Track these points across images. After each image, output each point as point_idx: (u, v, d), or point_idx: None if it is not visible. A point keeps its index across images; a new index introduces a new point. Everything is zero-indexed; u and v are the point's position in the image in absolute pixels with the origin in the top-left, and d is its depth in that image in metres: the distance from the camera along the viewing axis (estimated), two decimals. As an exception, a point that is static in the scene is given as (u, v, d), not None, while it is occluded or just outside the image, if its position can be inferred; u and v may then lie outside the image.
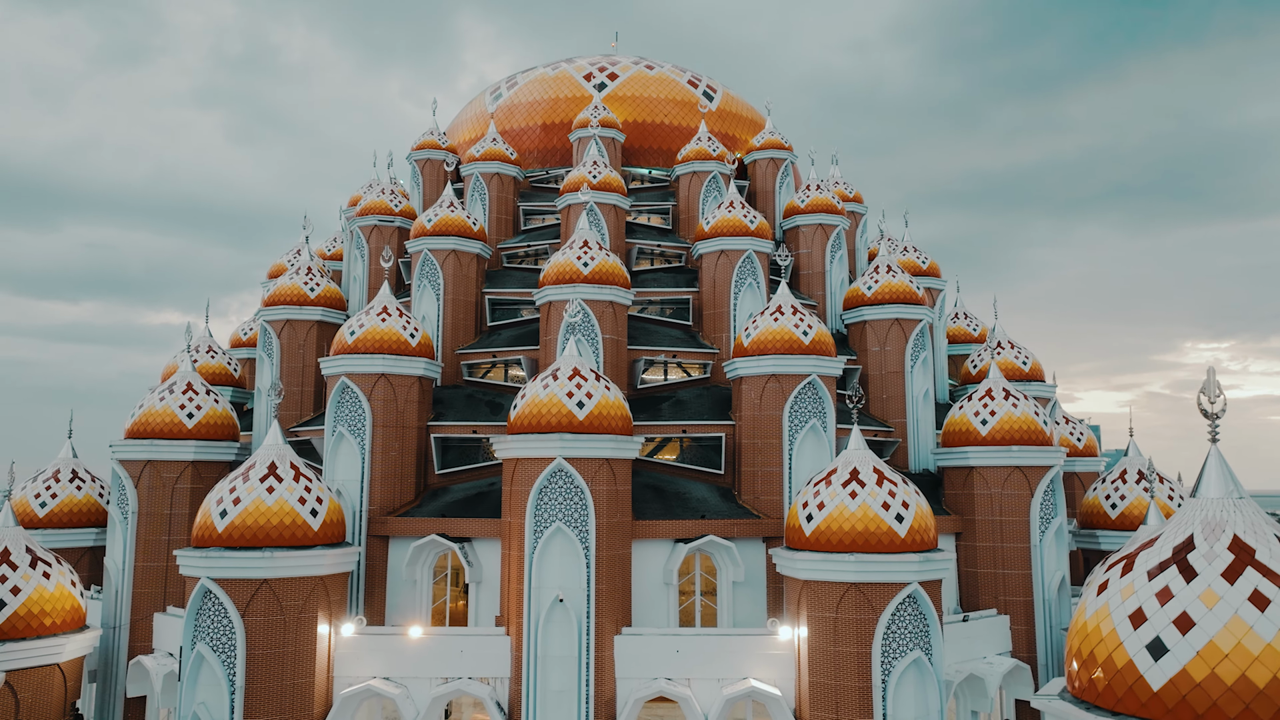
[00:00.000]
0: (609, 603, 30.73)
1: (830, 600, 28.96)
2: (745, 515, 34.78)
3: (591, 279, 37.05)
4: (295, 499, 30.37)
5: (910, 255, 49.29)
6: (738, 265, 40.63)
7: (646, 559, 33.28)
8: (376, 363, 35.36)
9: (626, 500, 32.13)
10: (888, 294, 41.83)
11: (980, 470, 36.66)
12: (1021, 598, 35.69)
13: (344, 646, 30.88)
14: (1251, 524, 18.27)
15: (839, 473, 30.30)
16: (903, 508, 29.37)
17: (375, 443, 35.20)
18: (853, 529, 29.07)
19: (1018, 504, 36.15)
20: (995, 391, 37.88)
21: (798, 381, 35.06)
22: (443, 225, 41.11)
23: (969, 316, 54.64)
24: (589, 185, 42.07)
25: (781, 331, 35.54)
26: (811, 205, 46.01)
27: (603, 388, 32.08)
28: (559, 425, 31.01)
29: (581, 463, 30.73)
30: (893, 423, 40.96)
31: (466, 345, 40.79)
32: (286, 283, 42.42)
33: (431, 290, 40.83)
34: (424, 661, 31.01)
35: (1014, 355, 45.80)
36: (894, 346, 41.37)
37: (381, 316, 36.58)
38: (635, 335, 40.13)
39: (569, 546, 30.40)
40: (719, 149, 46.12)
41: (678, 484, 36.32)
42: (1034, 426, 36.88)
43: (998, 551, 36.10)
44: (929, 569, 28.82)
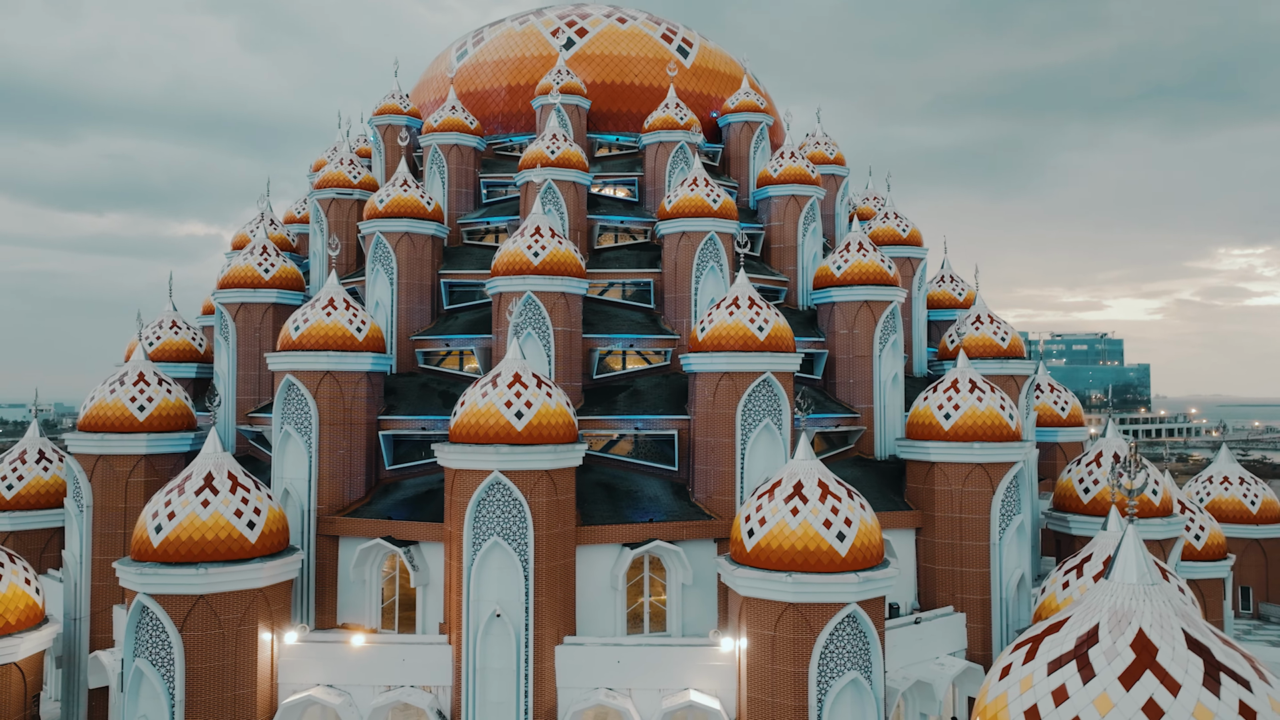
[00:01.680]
0: (549, 614, 30.48)
1: (769, 618, 28.52)
2: (697, 516, 34.20)
3: (542, 270, 35.79)
4: (231, 512, 30.04)
5: (891, 223, 47.36)
6: (699, 248, 39.11)
7: (594, 562, 32.89)
8: (321, 360, 34.59)
9: (570, 508, 31.57)
10: (857, 274, 40.26)
11: (941, 466, 35.74)
12: (979, 596, 35.16)
13: (287, 654, 30.96)
14: (1160, 617, 17.38)
15: (783, 486, 29.51)
16: (845, 525, 28.63)
17: (323, 441, 34.69)
18: (792, 547, 28.43)
19: (978, 501, 35.31)
20: (961, 383, 36.67)
21: (751, 379, 33.99)
22: (395, 206, 39.73)
23: (955, 279, 52.83)
24: (546, 162, 40.36)
25: (735, 327, 34.29)
26: (784, 175, 44.06)
27: (544, 395, 31.21)
28: (496, 436, 30.30)
29: (520, 475, 30.10)
30: (859, 408, 39.92)
31: (422, 331, 39.86)
32: (240, 263, 41.42)
33: (385, 274, 39.72)
34: (367, 669, 31.10)
35: (993, 331, 44.22)
36: (863, 329, 40.02)
37: (327, 310, 35.64)
38: (593, 321, 38.99)
39: (507, 560, 30.02)
40: (687, 117, 43.99)
41: (630, 480, 35.71)
42: (998, 422, 35.75)
43: (956, 549, 35.44)
44: (869, 589, 28.23)
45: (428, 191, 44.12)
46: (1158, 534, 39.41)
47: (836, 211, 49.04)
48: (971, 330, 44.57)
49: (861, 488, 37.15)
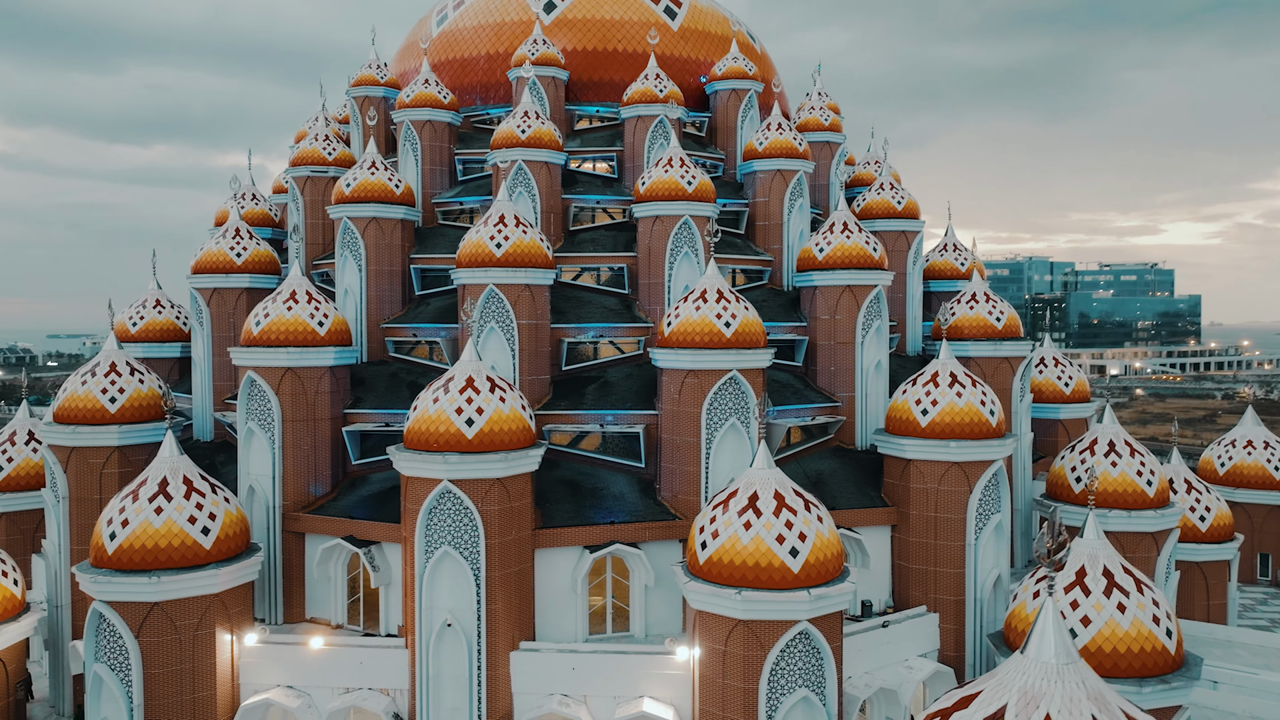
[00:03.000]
0: (504, 621, 30.25)
1: (720, 632, 27.98)
2: (662, 516, 33.56)
3: (505, 261, 34.73)
4: (185, 519, 29.98)
5: (886, 195, 45.29)
6: (673, 232, 37.70)
7: (555, 564, 32.51)
8: (281, 356, 34.14)
9: (525, 514, 31.08)
10: (840, 258, 38.60)
11: (917, 463, 34.57)
12: (953, 596, 34.28)
13: (248, 656, 31.19)
14: (1071, 701, 16.42)
15: (738, 497, 28.65)
16: (799, 540, 27.77)
17: (286, 438, 34.43)
18: (743, 563, 27.69)
19: (954, 501, 34.18)
20: (941, 376, 35.23)
21: (717, 377, 32.93)
22: (361, 191, 38.71)
23: (959, 249, 50.72)
24: (516, 142, 38.93)
25: (702, 324, 33.12)
26: (770, 148, 42.14)
27: (497, 400, 30.49)
28: (446, 444, 29.74)
29: (470, 484, 29.61)
30: (840, 397, 38.67)
31: (393, 319, 39.16)
32: (213, 247, 40.85)
33: (353, 261, 38.91)
34: (325, 671, 31.29)
35: (988, 310, 42.38)
36: (845, 315, 38.52)
37: (288, 304, 35.07)
38: (564, 309, 38.00)
39: (458, 569, 29.72)
40: (667, 89, 42.04)
41: (597, 477, 35.09)
42: (978, 419, 34.37)
43: (931, 548, 34.47)
44: (821, 606, 27.48)
45: (401, 170, 43.08)
46: (1149, 526, 38.10)
47: (831, 181, 47.02)
48: (965, 310, 42.80)
49: (838, 481, 36.42)
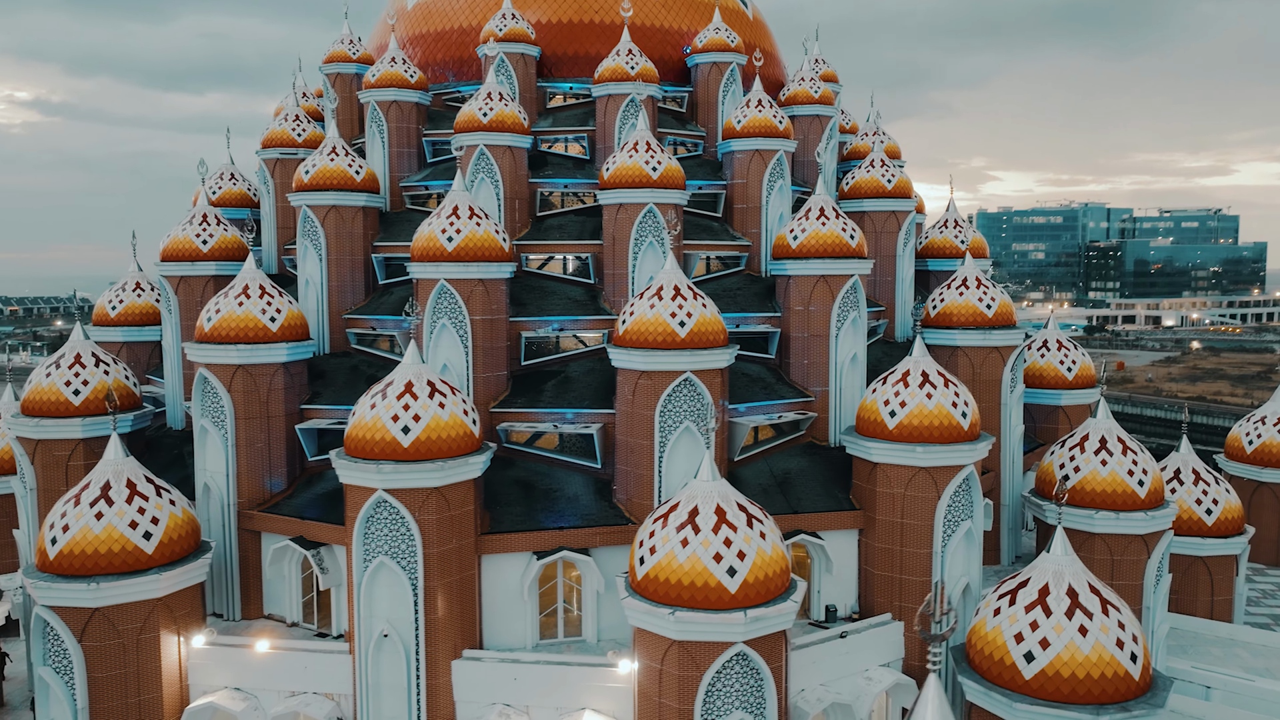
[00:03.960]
0: (444, 630, 29.76)
1: (656, 650, 27.17)
2: (615, 520, 32.67)
3: (457, 256, 33.61)
4: (126, 524, 29.79)
5: (875, 173, 43.07)
6: (637, 221, 36.17)
7: (504, 569, 31.90)
8: (232, 353, 33.62)
9: (467, 522, 30.37)
10: (814, 246, 36.77)
11: (884, 467, 33.08)
12: (919, 606, 32.95)
13: (196, 657, 31.17)
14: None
15: (679, 511, 27.60)
16: (738, 559, 26.68)
17: (239, 435, 34.07)
18: (679, 581, 26.72)
19: (921, 507, 32.69)
20: (912, 375, 33.50)
21: (672, 379, 31.68)
22: (320, 178, 37.73)
23: (959, 225, 48.41)
24: (478, 126, 37.52)
25: (655, 323, 31.80)
26: (748, 127, 40.15)
27: (436, 406, 29.64)
28: (381, 452, 29.05)
29: (406, 493, 28.93)
30: (814, 391, 37.16)
31: (355, 309, 38.41)
32: (179, 234, 40.32)
33: (314, 250, 38.10)
34: (272, 674, 31.19)
35: (978, 297, 40.32)
36: (819, 306, 36.81)
37: (239, 300, 34.45)
38: (526, 300, 36.88)
39: (395, 579, 29.20)
40: (638, 65, 40.08)
41: (553, 478, 34.24)
42: (948, 422, 32.68)
43: (897, 555, 33.13)
44: (758, 628, 26.47)
45: (369, 152, 41.97)
46: (1139, 529, 36.27)
47: (821, 158, 44.81)
48: (955, 296, 40.81)
49: (805, 481, 35.17)
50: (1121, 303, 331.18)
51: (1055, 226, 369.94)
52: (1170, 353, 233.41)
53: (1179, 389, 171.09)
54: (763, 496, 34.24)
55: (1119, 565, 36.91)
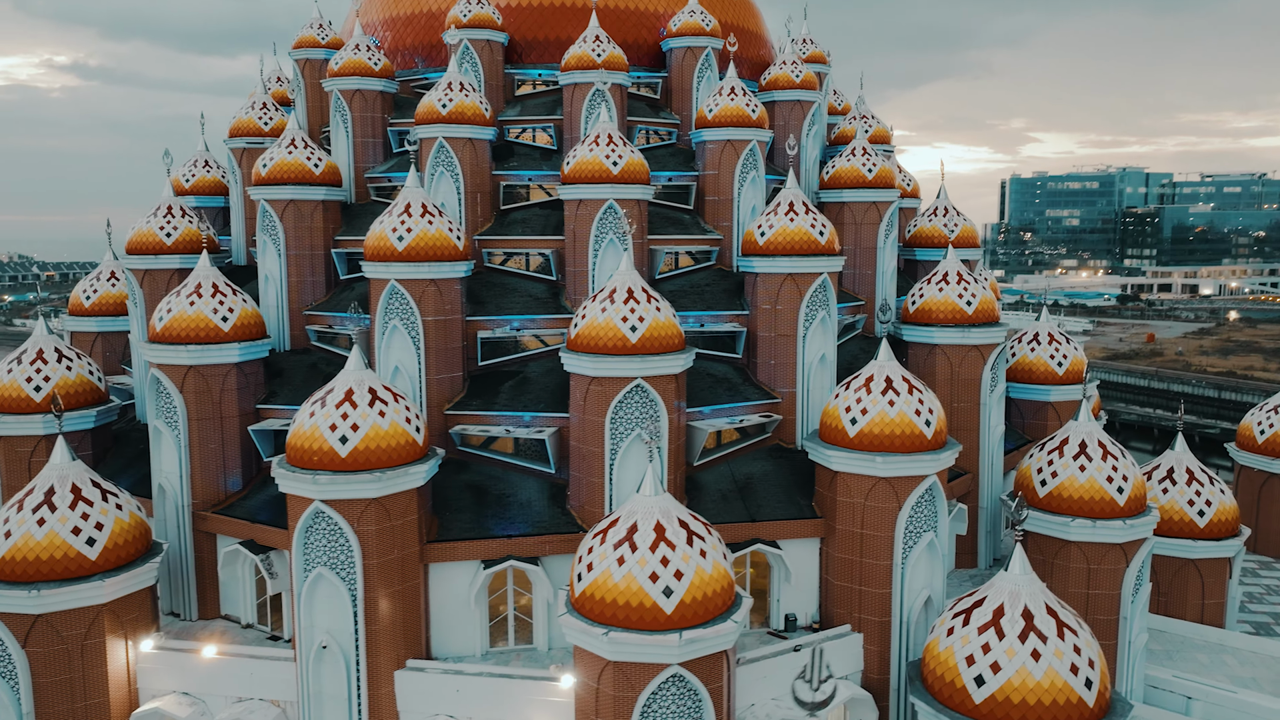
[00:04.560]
0: (386, 641, 29.37)
1: (593, 669, 26.58)
2: (566, 528, 32.00)
3: (408, 256, 32.81)
4: (69, 530, 29.61)
5: (855, 162, 41.47)
6: (597, 218, 35.08)
7: (452, 576, 31.41)
8: (182, 354, 33.20)
9: (410, 531, 29.83)
10: (782, 243, 35.50)
11: (844, 476, 32.05)
12: (878, 618, 32.08)
13: (145, 661, 31.10)
14: None
15: (618, 527, 26.84)
16: (674, 579, 25.90)
17: (192, 436, 33.74)
18: (614, 600, 26.02)
19: (882, 518, 31.66)
20: (875, 381, 32.31)
21: (622, 385, 30.79)
22: (278, 172, 36.99)
23: (950, 213, 46.73)
24: (437, 117, 36.48)
25: (606, 327, 30.86)
26: (720, 116, 38.72)
27: (375, 415, 29.01)
28: (319, 462, 28.52)
29: (344, 504, 28.42)
30: (781, 392, 36.10)
31: (315, 306, 37.81)
32: (144, 226, 39.86)
33: (273, 245, 37.48)
34: (220, 679, 31.07)
35: (958, 293, 38.85)
36: (787, 305, 35.62)
37: (190, 299, 33.95)
38: (486, 297, 36.06)
39: (334, 590, 28.80)
40: (605, 52, 38.67)
41: (507, 482, 33.61)
42: (910, 431, 31.52)
43: (856, 566, 32.18)
44: (694, 650, 25.73)
45: (333, 142, 41.13)
46: (1117, 537, 34.99)
47: (802, 145, 43.33)
48: (934, 292, 39.42)
49: (767, 487, 34.28)
50: (1158, 271, 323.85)
51: (1091, 192, 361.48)
52: (1205, 324, 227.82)
53: (1209, 363, 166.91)
54: (721, 503, 33.44)
55: (1095, 574, 35.70)
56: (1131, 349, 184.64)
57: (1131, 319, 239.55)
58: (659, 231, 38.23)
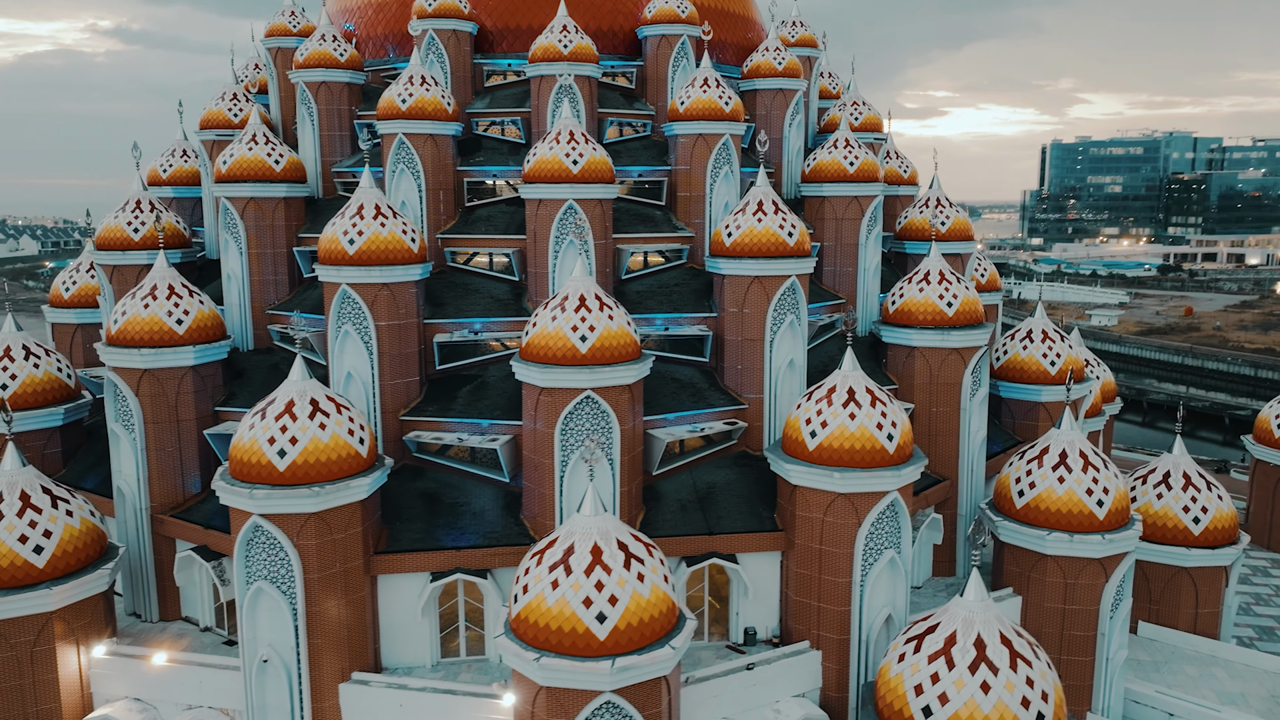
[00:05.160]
0: (330, 654, 29.08)
1: (529, 693, 26.04)
2: (518, 539, 31.40)
3: (359, 260, 32.07)
4: (15, 539, 29.50)
5: (837, 154, 39.88)
6: (557, 218, 34.03)
7: (402, 588, 31.01)
8: (136, 357, 32.89)
9: (354, 544, 29.37)
10: (749, 245, 34.23)
11: (803, 490, 31.04)
12: (837, 635, 31.18)
13: (98, 666, 31.16)
14: None
15: (555, 549, 26.11)
16: (609, 604, 25.18)
17: (149, 440, 33.56)
18: (547, 625, 25.38)
19: (841, 534, 30.66)
20: (837, 393, 31.12)
21: (572, 396, 29.95)
22: (238, 169, 36.33)
23: (941, 205, 44.97)
24: (396, 113, 35.51)
25: (556, 337, 29.97)
26: (692, 109, 37.33)
27: (315, 427, 28.47)
28: (258, 476, 28.11)
29: (283, 518, 28.00)
30: (748, 398, 35.05)
31: (277, 305, 37.29)
32: (111, 222, 39.54)
33: (235, 244, 36.93)
34: (171, 685, 30.99)
35: (938, 294, 37.34)
36: (754, 309, 34.43)
37: (145, 301, 33.58)
38: (446, 299, 35.30)
39: (275, 605, 28.49)
40: (572, 43, 37.32)
41: (461, 490, 33.03)
42: (871, 446, 30.37)
43: (815, 582, 31.26)
44: (627, 677, 25.04)
45: (300, 136, 40.36)
46: (1094, 552, 33.71)
47: (785, 135, 41.78)
48: (914, 292, 37.98)
49: (729, 498, 33.44)
50: (1203, 239, 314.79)
51: (1135, 158, 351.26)
52: (1248, 295, 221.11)
53: (1247, 339, 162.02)
54: (680, 514, 32.65)
55: (1073, 589, 34.49)
56: (1167, 323, 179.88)
57: (1171, 290, 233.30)
58: (628, 229, 37.12)
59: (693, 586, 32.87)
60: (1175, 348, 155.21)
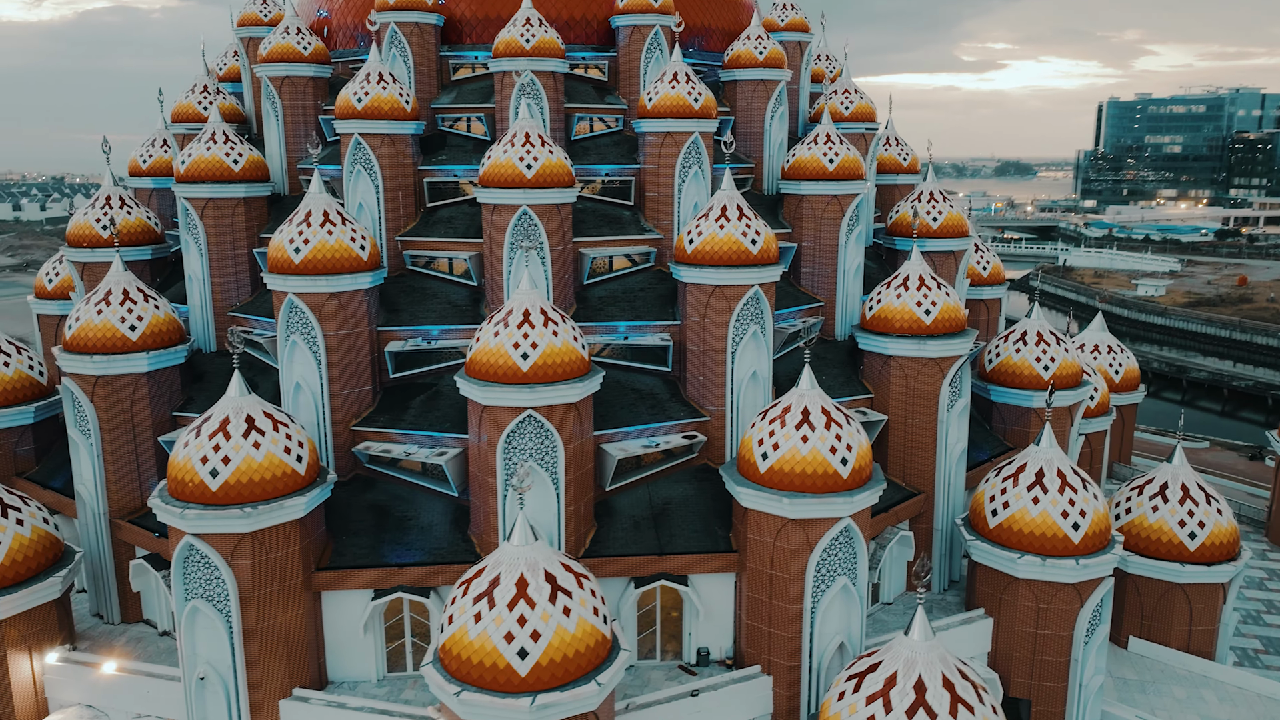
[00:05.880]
0: (268, 671, 28.94)
1: None
2: (463, 556, 30.85)
3: (305, 269, 31.39)
4: (-37, 548, 29.78)
5: (815, 150, 38.03)
6: (511, 224, 32.93)
7: (346, 604, 30.70)
8: (88, 364, 32.73)
9: (293, 562, 29.05)
10: (710, 253, 32.84)
11: (754, 514, 29.99)
12: (788, 662, 30.28)
13: (51, 673, 31.46)
14: None
15: (481, 579, 25.43)
16: (531, 640, 24.47)
17: (105, 446, 33.51)
18: (468, 659, 24.81)
19: (792, 560, 29.59)
20: (791, 413, 29.83)
21: (514, 415, 29.14)
22: (196, 169, 35.74)
23: (934, 199, 42.91)
24: (351, 112, 34.55)
25: (498, 354, 29.09)
26: (659, 106, 35.80)
27: (250, 446, 28.04)
28: (192, 495, 27.84)
29: (216, 538, 27.73)
30: (709, 410, 33.91)
31: (238, 307, 36.87)
32: (80, 219, 39.36)
33: (195, 244, 36.48)
34: (120, 694, 31.18)
35: (917, 300, 35.66)
36: (716, 319, 33.15)
37: (99, 307, 33.35)
38: (402, 304, 34.54)
39: (210, 623, 28.35)
40: (535, 37, 35.81)
41: (411, 503, 32.53)
42: (824, 470, 29.14)
43: (766, 607, 30.31)
44: (548, 715, 24.36)
45: (265, 131, 39.58)
46: (1067, 577, 32.30)
47: (766, 128, 40.04)
48: (892, 298, 36.38)
49: (684, 515, 32.62)
50: (1267, 203, 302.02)
51: (1197, 116, 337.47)
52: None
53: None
54: (632, 531, 31.84)
55: (1045, 613, 33.17)
56: (1219, 293, 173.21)
57: (1226, 258, 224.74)
58: (593, 231, 35.94)
59: (645, 604, 32.13)
60: (1223, 321, 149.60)
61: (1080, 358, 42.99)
